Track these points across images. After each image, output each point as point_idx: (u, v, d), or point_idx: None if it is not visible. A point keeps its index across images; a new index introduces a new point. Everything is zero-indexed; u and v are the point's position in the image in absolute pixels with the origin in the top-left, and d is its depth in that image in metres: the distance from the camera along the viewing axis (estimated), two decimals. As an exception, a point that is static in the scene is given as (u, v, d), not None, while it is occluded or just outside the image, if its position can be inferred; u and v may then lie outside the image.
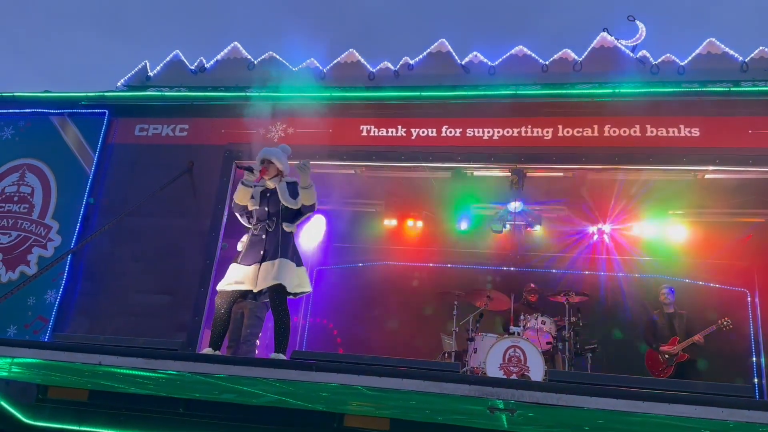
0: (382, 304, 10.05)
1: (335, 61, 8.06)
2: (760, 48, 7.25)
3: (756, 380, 8.93)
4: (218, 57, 8.63)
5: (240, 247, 5.53)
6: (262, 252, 5.31)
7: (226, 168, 7.84)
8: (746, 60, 7.09)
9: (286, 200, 5.41)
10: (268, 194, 5.52)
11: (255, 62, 8.31)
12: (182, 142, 8.17)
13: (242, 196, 5.44)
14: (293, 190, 5.46)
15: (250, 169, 5.43)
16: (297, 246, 5.54)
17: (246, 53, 8.45)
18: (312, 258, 9.68)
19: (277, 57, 8.28)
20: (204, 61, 8.66)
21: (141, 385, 5.17)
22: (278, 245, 5.31)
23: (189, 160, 7.94)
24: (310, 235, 9.44)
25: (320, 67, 8.08)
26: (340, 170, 8.13)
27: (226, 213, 7.70)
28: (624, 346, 8.95)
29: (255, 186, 5.48)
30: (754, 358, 9.08)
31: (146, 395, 5.58)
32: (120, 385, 5.18)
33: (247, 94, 7.97)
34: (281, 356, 4.97)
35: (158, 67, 8.83)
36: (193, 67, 8.70)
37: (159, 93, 8.50)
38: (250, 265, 5.30)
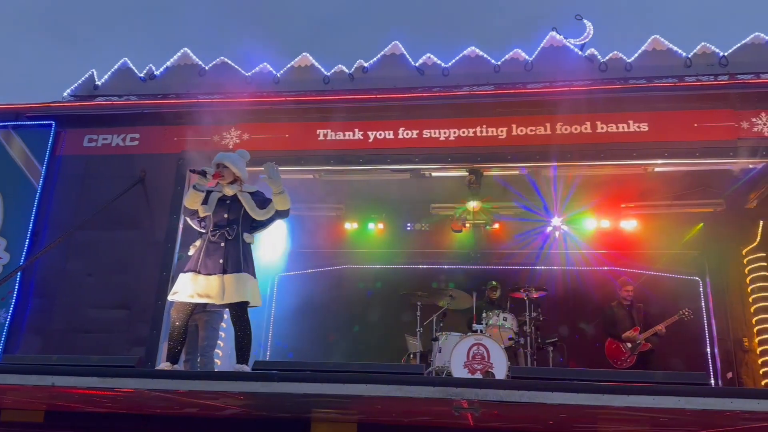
0: (346, 308, 10.03)
1: (289, 65, 7.99)
2: (702, 44, 7.51)
3: (710, 365, 9.25)
4: (168, 64, 8.46)
5: (192, 251, 5.27)
6: (221, 261, 5.07)
7: (180, 177, 7.68)
8: (689, 56, 7.32)
9: (256, 214, 5.24)
10: (228, 201, 5.35)
11: (206, 68, 8.17)
12: (133, 152, 7.97)
13: (193, 201, 5.17)
14: (260, 200, 5.31)
15: (203, 173, 5.22)
16: (252, 257, 5.39)
17: (197, 59, 8.30)
18: (273, 265, 9.57)
19: (229, 62, 8.16)
20: (153, 68, 8.47)
21: (98, 404, 5.03)
22: (239, 257, 5.11)
23: (141, 169, 7.75)
24: (272, 242, 9.33)
25: (274, 72, 8.00)
26: (298, 175, 8.07)
27: (181, 223, 7.55)
28: (584, 339, 9.14)
29: (209, 191, 5.31)
30: (708, 344, 9.40)
31: (105, 413, 5.44)
32: (76, 405, 5.02)
33: (200, 100, 7.84)
34: (245, 368, 4.88)
35: (106, 76, 8.59)
36: (142, 75, 8.50)
37: (107, 102, 8.28)
38: (211, 275, 5.02)
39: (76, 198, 7.83)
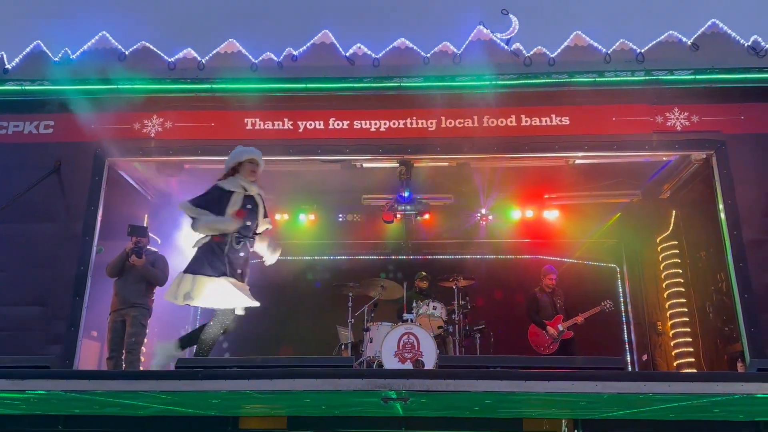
0: (276, 300, 9.87)
1: (214, 51, 7.73)
2: (621, 40, 7.80)
3: (627, 348, 9.76)
4: (85, 48, 8.00)
5: (201, 252, 5.01)
6: (240, 272, 5.02)
7: (97, 166, 7.34)
8: (609, 52, 7.62)
9: (264, 223, 5.18)
10: (249, 206, 5.09)
11: (126, 53, 7.80)
12: (48, 140, 7.53)
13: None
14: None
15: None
16: None
17: (116, 43, 7.90)
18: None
19: (151, 47, 7.81)
20: (69, 51, 8.00)
21: (11, 406, 4.76)
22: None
23: (56, 159, 7.34)
24: (197, 234, 9.07)
25: (198, 58, 7.73)
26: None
27: (100, 214, 7.22)
28: (511, 325, 9.42)
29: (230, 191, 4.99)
30: (625, 328, 9.91)
31: (20, 415, 5.17)
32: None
33: (119, 87, 7.48)
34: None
35: (17, 59, 8.03)
36: (57, 59, 8.01)
37: (19, 87, 7.75)
38: (240, 281, 5.01)
39: (-16, 189, 7.33)
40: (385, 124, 7.64)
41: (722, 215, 7.07)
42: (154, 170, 8.00)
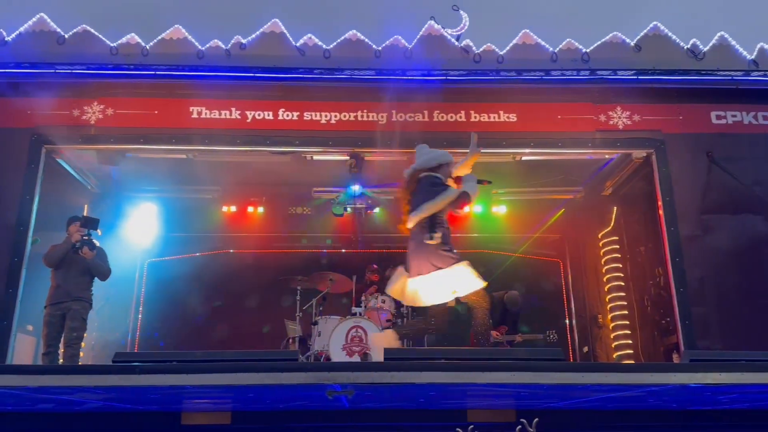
0: (223, 294, 9.74)
1: (160, 37, 7.50)
2: (568, 40, 7.98)
3: (568, 340, 10.02)
4: (21, 29, 7.63)
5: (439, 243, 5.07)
6: None
7: (34, 154, 7.01)
8: (556, 51, 7.77)
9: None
10: None
11: (66, 36, 7.48)
12: (-21, 126, 7.17)
13: None
14: None
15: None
16: None
17: (55, 26, 7.57)
18: (142, 250, 9.08)
19: (92, 31, 7.51)
20: (4, 33, 7.62)
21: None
22: None
23: (-11, 145, 7.01)
24: (140, 225, 8.84)
25: (142, 43, 7.48)
26: (169, 155, 7.66)
27: (36, 204, 6.91)
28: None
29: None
30: (567, 320, 10.17)
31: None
32: None
33: (57, 71, 7.16)
34: None
35: (-55, 40, 7.61)
36: (-10, 40, 7.62)
37: (-54, 68, 7.34)
38: None
39: None
40: (335, 116, 7.59)
41: (660, 212, 7.33)
42: (95, 159, 7.72)
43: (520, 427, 2.85)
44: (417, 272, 5.08)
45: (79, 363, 6.54)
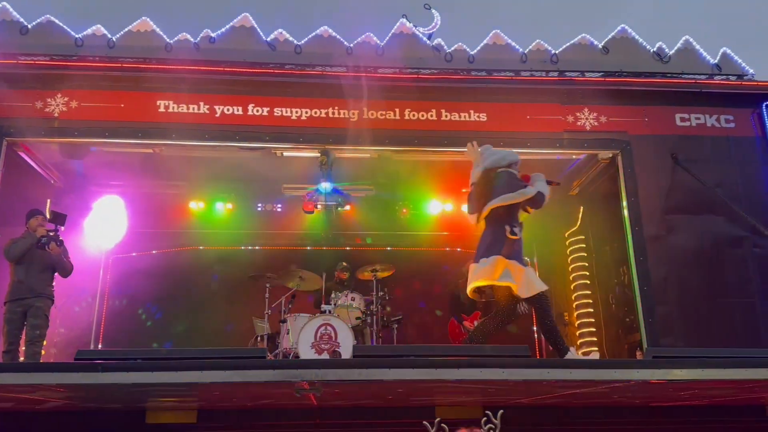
0: (190, 291, 9.57)
1: (126, 29, 7.35)
2: (537, 41, 8.08)
3: (536, 338, 10.12)
4: (-19, 19, 7.41)
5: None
6: None
7: (-6, 146, 6.83)
8: (525, 51, 7.85)
9: None
10: None
11: (29, 26, 7.28)
12: (-64, 117, 6.93)
13: None
14: None
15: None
16: None
17: (18, 16, 7.36)
18: (106, 246, 8.88)
19: (56, 21, 7.32)
20: (-38, 22, 7.39)
21: None
22: None
23: (-54, 138, 6.77)
24: (104, 221, 8.63)
25: (108, 35, 7.32)
26: (135, 149, 7.51)
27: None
28: (428, 316, 9.56)
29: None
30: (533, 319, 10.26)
31: None
32: None
33: (20, 61, 6.97)
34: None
35: None
36: (-52, 30, 7.37)
37: None
38: None
39: None
40: (306, 112, 7.54)
41: (625, 212, 7.47)
42: (57, 152, 7.53)
43: (485, 419, 2.87)
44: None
45: (41, 361, 6.38)
